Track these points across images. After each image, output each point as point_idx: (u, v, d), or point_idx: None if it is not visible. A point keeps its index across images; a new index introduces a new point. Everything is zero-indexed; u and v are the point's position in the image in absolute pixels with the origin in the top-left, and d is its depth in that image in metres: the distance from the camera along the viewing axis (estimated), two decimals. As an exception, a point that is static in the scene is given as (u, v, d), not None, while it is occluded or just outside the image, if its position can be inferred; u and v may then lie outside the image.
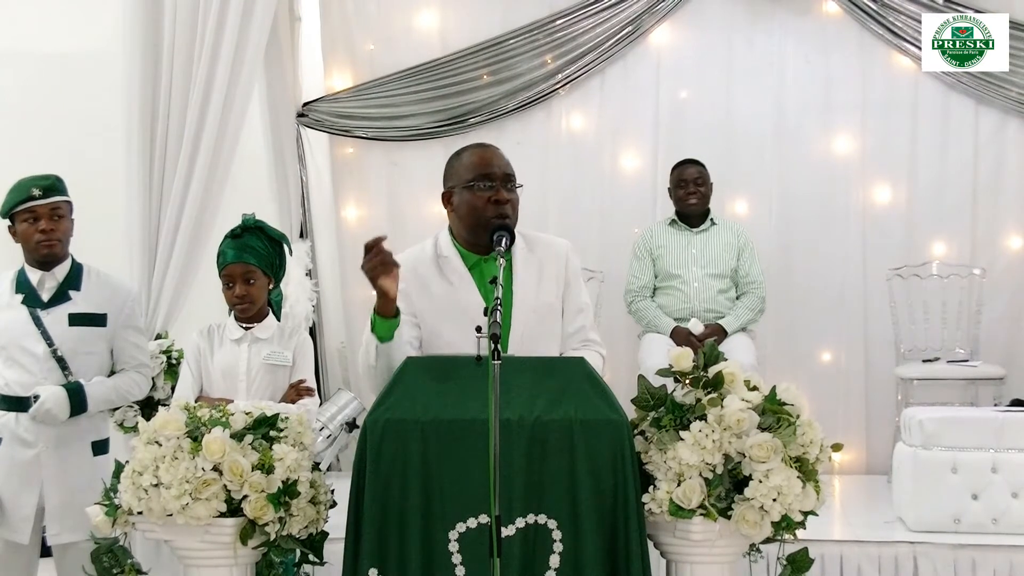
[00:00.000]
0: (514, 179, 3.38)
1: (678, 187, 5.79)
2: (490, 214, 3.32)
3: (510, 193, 3.35)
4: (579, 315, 3.48)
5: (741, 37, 6.37)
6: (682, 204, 5.77)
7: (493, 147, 3.46)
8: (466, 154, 3.42)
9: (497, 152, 3.43)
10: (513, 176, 3.38)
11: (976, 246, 6.24)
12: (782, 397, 3.15)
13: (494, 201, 3.32)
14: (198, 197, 5.13)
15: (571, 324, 3.47)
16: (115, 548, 3.26)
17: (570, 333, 3.46)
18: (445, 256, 3.42)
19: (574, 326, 3.47)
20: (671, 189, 5.84)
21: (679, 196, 5.78)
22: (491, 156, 3.40)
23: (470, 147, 3.47)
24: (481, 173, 3.35)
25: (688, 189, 5.75)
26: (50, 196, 3.85)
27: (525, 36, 6.35)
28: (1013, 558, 4.32)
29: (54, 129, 5.98)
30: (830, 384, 6.21)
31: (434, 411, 3.00)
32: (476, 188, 3.34)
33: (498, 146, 3.48)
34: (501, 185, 3.34)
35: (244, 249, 3.79)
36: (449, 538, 2.96)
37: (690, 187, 5.75)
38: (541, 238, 3.52)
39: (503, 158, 3.41)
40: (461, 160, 3.41)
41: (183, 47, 5.13)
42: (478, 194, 3.34)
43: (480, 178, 3.34)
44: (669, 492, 3.05)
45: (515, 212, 3.36)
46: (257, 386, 3.77)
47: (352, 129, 6.46)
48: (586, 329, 3.49)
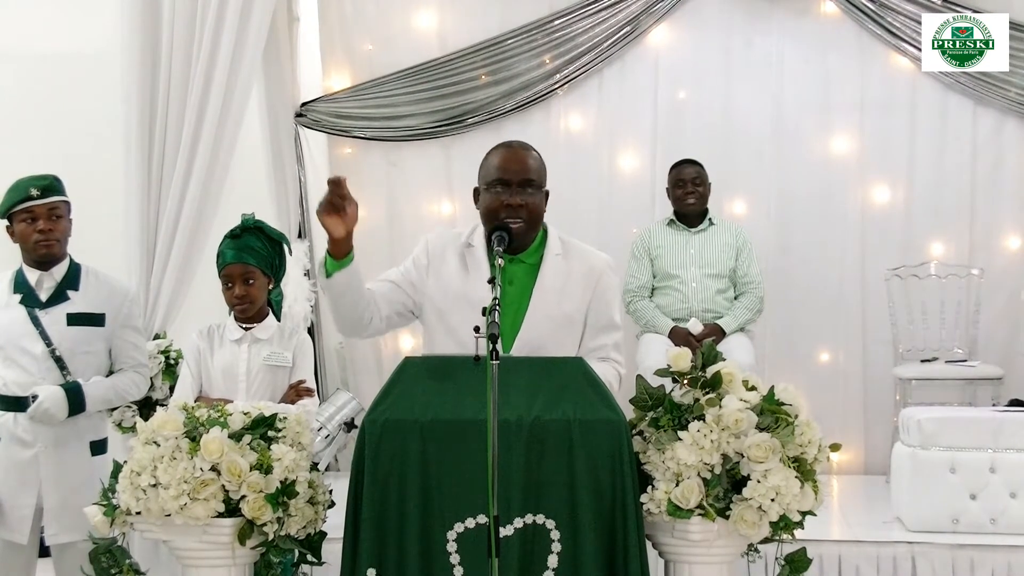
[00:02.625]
0: (534, 182, 3.36)
1: (676, 187, 5.78)
2: (501, 217, 3.33)
3: (525, 197, 3.33)
4: (604, 333, 3.43)
5: (739, 37, 6.37)
6: (680, 204, 5.77)
7: (518, 148, 3.44)
8: (493, 154, 3.43)
9: (520, 154, 3.41)
10: (533, 180, 3.35)
11: (974, 246, 6.24)
12: (780, 397, 3.15)
13: (506, 205, 3.33)
14: (196, 197, 5.13)
15: (594, 340, 3.42)
16: (113, 548, 3.26)
17: (591, 348, 3.41)
18: (472, 246, 3.43)
19: (596, 342, 3.42)
20: (669, 189, 5.84)
21: (677, 196, 5.78)
22: (511, 159, 3.38)
23: (499, 146, 3.46)
24: (497, 177, 3.35)
25: (686, 189, 5.75)
26: (48, 196, 3.84)
27: (523, 36, 6.35)
28: (1011, 558, 4.32)
29: (53, 129, 5.98)
30: (828, 384, 6.21)
31: (432, 411, 3.00)
32: (492, 190, 3.35)
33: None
34: (516, 189, 3.33)
35: (243, 249, 3.80)
36: (447, 538, 2.96)
37: (688, 187, 5.75)
38: (581, 248, 3.49)
39: (524, 161, 3.38)
40: (488, 159, 3.42)
41: (182, 47, 5.13)
42: (493, 196, 3.35)
43: (496, 181, 3.35)
44: (667, 492, 3.05)
45: (532, 216, 3.35)
46: (257, 387, 3.78)
47: (350, 129, 6.45)
48: (608, 348, 3.43)
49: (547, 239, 3.45)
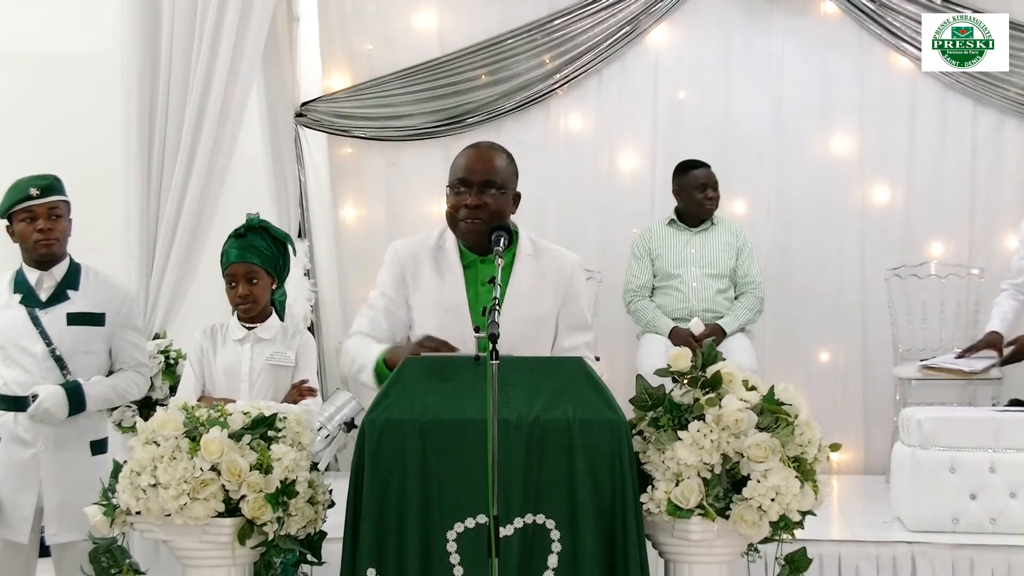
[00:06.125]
0: (496, 183, 3.35)
1: (697, 190, 5.67)
2: (460, 217, 3.36)
3: (484, 198, 3.32)
4: (576, 333, 3.45)
5: (739, 37, 6.36)
6: (699, 208, 5.68)
7: (485, 149, 3.45)
8: (460, 154, 3.44)
9: (485, 155, 3.41)
10: (494, 181, 3.34)
11: (974, 246, 6.24)
12: (780, 397, 3.16)
13: (463, 205, 3.34)
14: (196, 197, 5.13)
15: (567, 339, 3.44)
16: (113, 548, 3.26)
17: (565, 348, 3.42)
18: (444, 249, 3.44)
19: (570, 342, 3.44)
20: (683, 191, 5.74)
21: (697, 199, 5.67)
22: (475, 159, 3.39)
23: (468, 147, 3.47)
24: (459, 177, 3.37)
25: (708, 194, 5.68)
26: (48, 196, 3.85)
27: (523, 36, 6.35)
28: (1011, 558, 4.32)
29: (52, 129, 5.97)
30: (828, 384, 6.21)
31: (432, 411, 3.01)
32: (455, 190, 3.38)
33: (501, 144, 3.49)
34: (476, 190, 3.33)
35: (247, 249, 3.80)
36: (447, 538, 2.96)
37: (709, 191, 5.68)
38: (550, 249, 3.50)
39: (488, 161, 3.38)
40: (455, 159, 3.43)
41: (181, 47, 5.13)
42: (454, 196, 3.38)
43: (458, 181, 3.37)
44: (667, 492, 3.06)
45: (493, 217, 3.33)
46: (259, 386, 3.78)
47: (350, 129, 6.45)
48: (581, 348, 3.44)
49: (518, 240, 3.45)
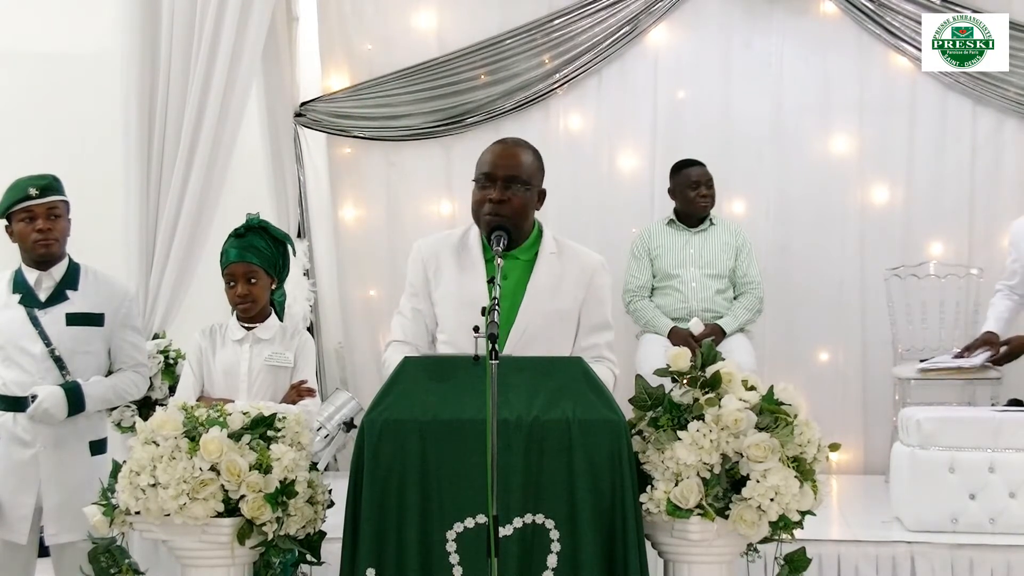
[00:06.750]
0: (521, 179, 3.39)
1: (689, 188, 5.69)
2: (483, 212, 3.38)
3: (507, 193, 3.36)
4: (597, 332, 3.49)
5: (739, 37, 6.36)
6: (692, 206, 5.69)
7: (511, 145, 3.50)
8: (487, 149, 3.48)
9: (510, 150, 3.45)
10: (519, 176, 3.39)
11: (973, 246, 6.24)
12: (780, 397, 3.16)
13: (487, 200, 3.36)
14: (196, 197, 5.13)
15: (586, 339, 3.48)
16: (112, 548, 3.26)
17: (584, 347, 3.46)
18: (468, 244, 3.47)
19: (588, 341, 3.48)
20: (677, 190, 5.76)
21: (690, 197, 5.69)
22: (500, 155, 3.43)
23: (495, 143, 3.52)
24: (483, 172, 3.41)
25: (700, 191, 5.69)
26: (47, 195, 3.85)
27: (523, 36, 6.35)
28: (1011, 558, 4.32)
29: (52, 129, 5.98)
30: (828, 384, 6.21)
31: (432, 411, 3.01)
32: (479, 185, 3.41)
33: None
34: (500, 185, 3.36)
35: (247, 248, 3.79)
36: (447, 538, 2.96)
37: (702, 189, 5.70)
38: (575, 248, 3.54)
39: (513, 157, 3.42)
40: (482, 155, 3.47)
41: (181, 47, 5.13)
42: (478, 191, 3.42)
43: (483, 176, 3.41)
44: (667, 492, 3.06)
45: (516, 213, 3.37)
46: (258, 387, 3.78)
47: (350, 129, 6.45)
48: (601, 347, 3.49)
49: (542, 237, 3.48)
